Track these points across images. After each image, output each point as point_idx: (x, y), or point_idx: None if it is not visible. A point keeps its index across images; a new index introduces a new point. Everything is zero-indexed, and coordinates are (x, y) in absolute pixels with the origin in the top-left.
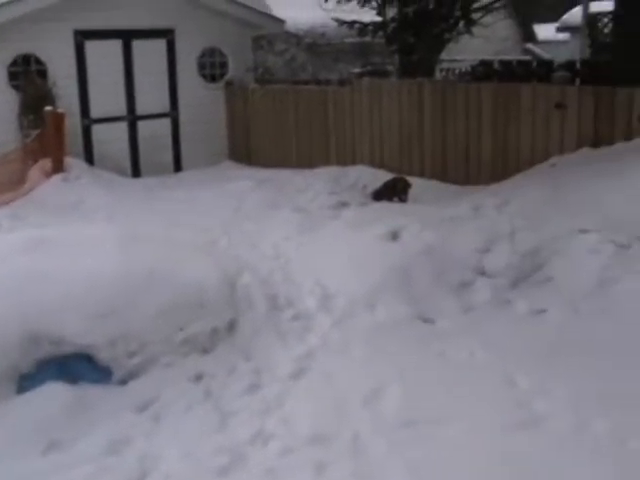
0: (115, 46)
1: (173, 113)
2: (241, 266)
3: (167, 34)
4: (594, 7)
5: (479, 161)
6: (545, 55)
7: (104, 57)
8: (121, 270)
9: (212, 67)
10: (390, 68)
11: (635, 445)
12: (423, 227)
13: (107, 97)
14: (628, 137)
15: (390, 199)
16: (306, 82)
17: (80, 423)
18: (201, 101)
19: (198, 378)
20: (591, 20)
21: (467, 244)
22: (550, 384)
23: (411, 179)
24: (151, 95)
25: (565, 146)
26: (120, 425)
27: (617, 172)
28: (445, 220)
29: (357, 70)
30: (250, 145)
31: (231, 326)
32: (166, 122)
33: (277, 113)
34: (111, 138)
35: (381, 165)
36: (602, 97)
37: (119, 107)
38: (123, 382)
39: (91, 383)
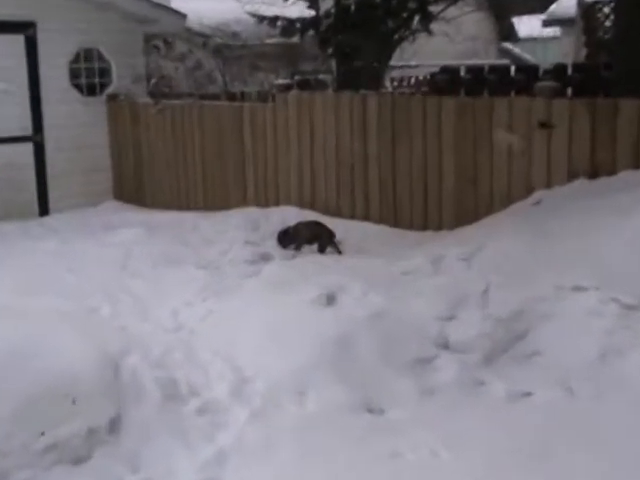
0: None
1: (36, 137)
2: (128, 343)
3: (25, 29)
4: None
5: (440, 199)
6: (527, 57)
7: None
8: None
9: (90, 75)
10: (325, 78)
11: None
12: (368, 287)
13: None
14: (636, 164)
15: (298, 248)
16: (215, 96)
17: None
18: (75, 121)
19: None
20: (587, 11)
21: (425, 308)
22: None
23: (353, 223)
24: (4, 111)
25: (553, 177)
26: None
27: (621, 211)
28: (396, 277)
29: (282, 81)
30: (142, 180)
31: (113, 425)
32: (26, 148)
33: (178, 137)
34: None
35: (313, 205)
36: (601, 112)
37: None
38: None
39: None
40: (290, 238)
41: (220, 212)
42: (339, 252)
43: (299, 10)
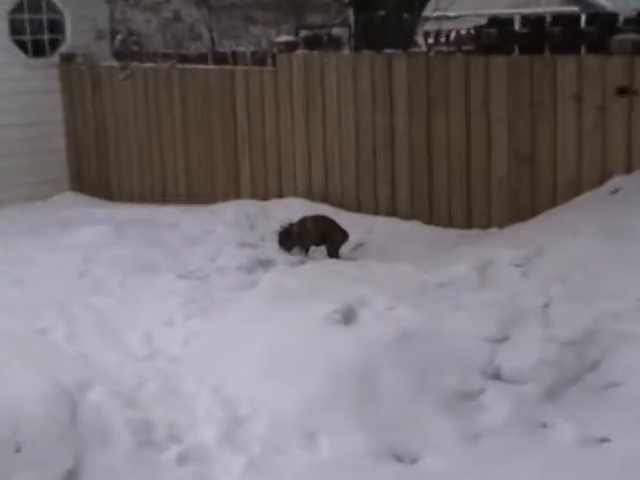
0: None
1: None
2: (90, 374)
3: None
4: None
5: (488, 187)
6: (603, 3)
7: None
8: None
9: (36, 30)
10: (340, 34)
11: None
12: (395, 301)
13: None
14: None
15: (306, 249)
16: (199, 58)
17: None
18: (17, 88)
19: None
20: None
21: (469, 328)
22: None
23: (376, 220)
24: None
25: (634, 160)
26: None
27: None
28: (432, 289)
29: (284, 38)
30: (107, 165)
31: (71, 478)
32: None
33: (152, 111)
34: None
35: (325, 197)
36: None
37: None
38: None
39: None
40: (295, 238)
41: (207, 206)
42: (337, 256)
43: None
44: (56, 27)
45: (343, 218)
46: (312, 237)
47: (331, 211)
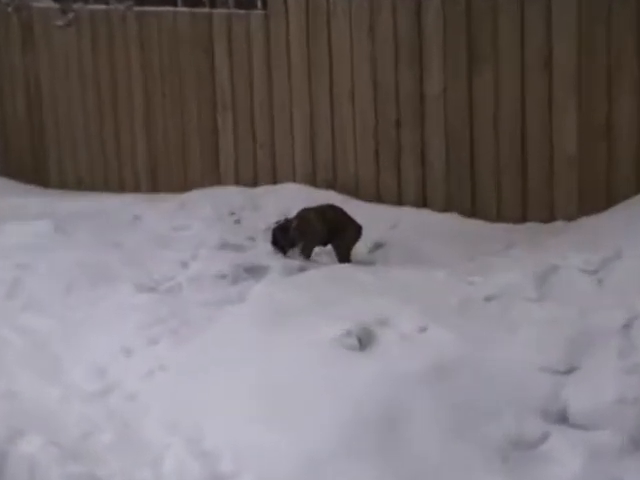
0: None
1: None
2: (20, 417)
3: None
4: None
5: (550, 169)
6: None
7: None
8: None
9: None
10: None
11: None
12: (427, 319)
13: None
14: None
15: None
16: None
17: None
18: None
19: None
20: None
21: (526, 355)
22: None
23: (401, 213)
24: None
25: None
26: None
27: None
28: (475, 303)
29: None
30: (43, 142)
31: None
32: None
33: (103, 69)
34: None
35: (333, 183)
36: None
37: None
38: None
39: None
40: (294, 237)
41: (176, 194)
42: (349, 260)
43: None
44: None
45: (357, 210)
46: (316, 235)
47: (341, 200)
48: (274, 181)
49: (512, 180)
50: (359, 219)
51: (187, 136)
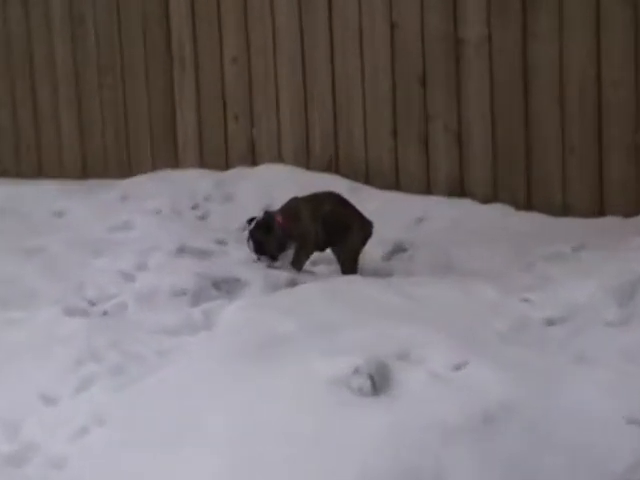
0: None
1: None
2: None
3: None
4: None
5: (633, 145)
6: None
7: None
8: None
9: None
10: None
11: None
12: (468, 352)
13: None
14: None
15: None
16: None
17: None
18: None
19: None
20: None
21: (607, 401)
22: None
23: (429, 204)
24: None
25: None
26: None
27: None
28: (536, 328)
29: None
30: None
31: None
32: None
33: (12, 13)
34: None
35: (335, 165)
36: None
37: None
38: None
39: None
40: (280, 238)
41: (117, 181)
42: (355, 270)
43: None
44: None
45: (368, 200)
46: (308, 236)
47: (346, 187)
48: (252, 161)
49: (584, 161)
50: (370, 213)
51: (132, 103)
